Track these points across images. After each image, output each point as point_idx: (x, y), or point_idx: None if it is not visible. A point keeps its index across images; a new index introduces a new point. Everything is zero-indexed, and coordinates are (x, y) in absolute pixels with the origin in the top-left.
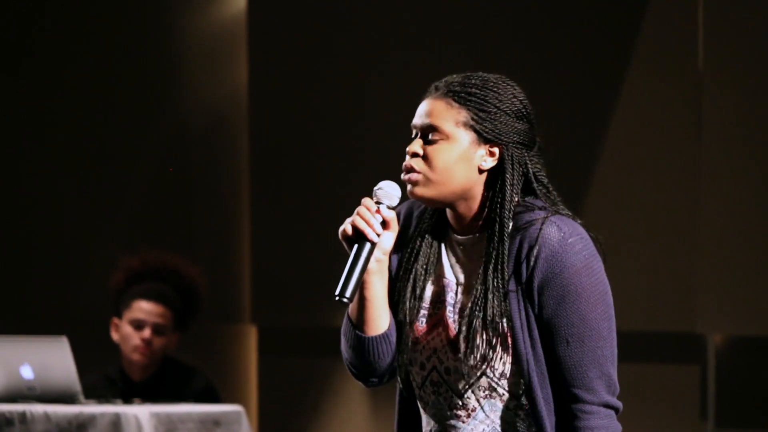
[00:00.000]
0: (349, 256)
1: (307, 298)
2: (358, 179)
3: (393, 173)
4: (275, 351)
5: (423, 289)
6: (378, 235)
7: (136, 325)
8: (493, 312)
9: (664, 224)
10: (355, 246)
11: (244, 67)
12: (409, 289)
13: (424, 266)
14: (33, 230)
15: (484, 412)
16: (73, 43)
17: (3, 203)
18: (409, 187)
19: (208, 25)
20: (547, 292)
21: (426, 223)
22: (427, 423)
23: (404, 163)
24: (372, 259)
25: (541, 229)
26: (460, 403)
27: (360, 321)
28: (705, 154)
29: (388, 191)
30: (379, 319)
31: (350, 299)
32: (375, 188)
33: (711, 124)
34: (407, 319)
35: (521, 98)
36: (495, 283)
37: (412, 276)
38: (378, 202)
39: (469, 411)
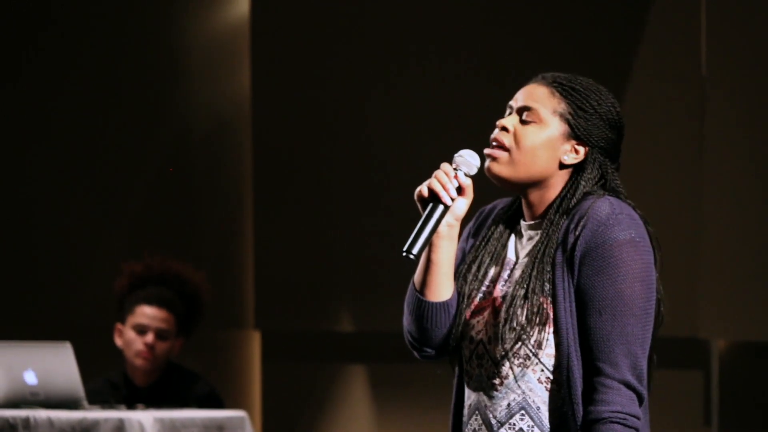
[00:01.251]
0: (420, 216)
1: (310, 303)
2: (361, 183)
3: (397, 177)
4: (279, 356)
5: (485, 274)
6: (452, 200)
7: (139, 330)
8: (535, 283)
9: (666, 230)
10: (429, 206)
11: (247, 71)
12: (473, 271)
13: (491, 253)
14: (36, 235)
15: (516, 381)
16: (76, 47)
17: (6, 208)
18: (488, 162)
19: (211, 30)
20: (587, 261)
21: (502, 214)
22: (467, 397)
23: (492, 136)
24: (443, 222)
25: (593, 202)
26: (496, 370)
27: (423, 284)
28: (708, 160)
29: (468, 159)
30: (442, 286)
31: (417, 256)
32: (455, 155)
33: (714, 131)
34: (465, 299)
35: (619, 110)
36: (543, 258)
37: (478, 261)
38: (456, 169)
39: (503, 379)
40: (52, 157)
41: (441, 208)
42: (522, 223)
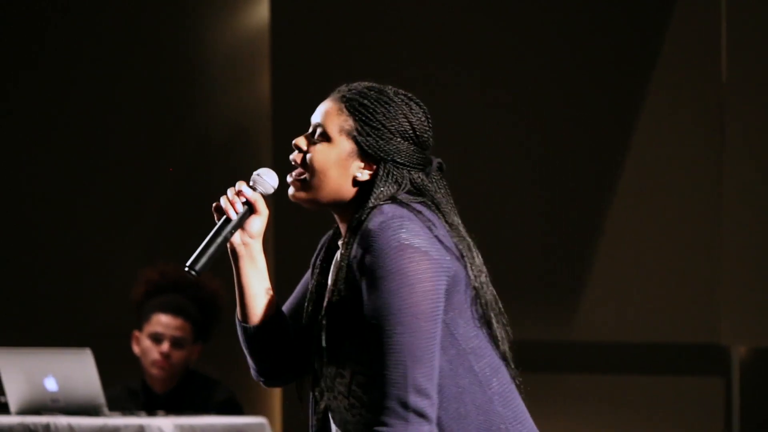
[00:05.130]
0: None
1: None
2: None
3: None
4: None
5: (317, 300)
6: (236, 213)
7: (154, 339)
8: (335, 308)
9: (687, 236)
10: (219, 222)
11: (267, 79)
12: (306, 305)
13: (318, 282)
14: (53, 244)
15: (337, 389)
16: (95, 53)
17: (23, 216)
18: (290, 190)
19: (231, 36)
20: (363, 278)
21: (329, 240)
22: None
23: (290, 156)
24: (239, 242)
25: (370, 214)
26: (325, 385)
27: (242, 311)
28: (728, 167)
29: (265, 178)
30: (257, 308)
31: (198, 272)
32: (254, 172)
33: (734, 137)
34: (312, 330)
35: (414, 119)
36: (341, 280)
37: (310, 293)
38: (252, 187)
39: (335, 394)
40: (69, 163)
41: (230, 224)
42: (338, 243)
